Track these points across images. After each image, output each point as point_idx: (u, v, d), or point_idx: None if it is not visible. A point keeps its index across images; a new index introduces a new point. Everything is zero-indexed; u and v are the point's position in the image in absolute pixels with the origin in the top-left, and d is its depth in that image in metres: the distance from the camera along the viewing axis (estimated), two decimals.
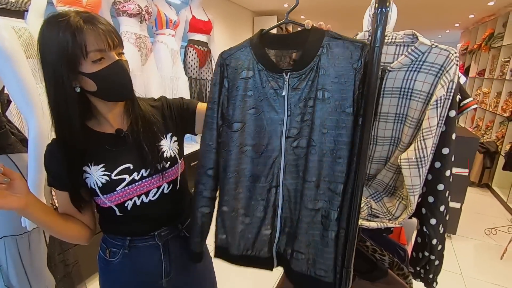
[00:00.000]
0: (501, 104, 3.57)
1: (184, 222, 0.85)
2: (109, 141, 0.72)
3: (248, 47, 0.72)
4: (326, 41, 0.65)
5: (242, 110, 0.73)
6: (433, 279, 0.87)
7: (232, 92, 0.74)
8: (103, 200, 0.71)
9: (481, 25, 4.80)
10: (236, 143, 0.74)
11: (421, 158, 0.72)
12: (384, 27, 0.50)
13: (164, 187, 0.77)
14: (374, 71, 0.52)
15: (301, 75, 0.68)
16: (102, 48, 0.63)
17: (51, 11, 0.67)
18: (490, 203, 3.19)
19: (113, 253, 0.78)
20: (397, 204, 0.84)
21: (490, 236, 2.51)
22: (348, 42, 0.64)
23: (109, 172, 0.70)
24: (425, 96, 0.76)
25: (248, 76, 0.72)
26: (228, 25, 4.15)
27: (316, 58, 0.66)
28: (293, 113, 0.70)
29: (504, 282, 1.97)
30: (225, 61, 0.74)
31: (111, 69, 0.65)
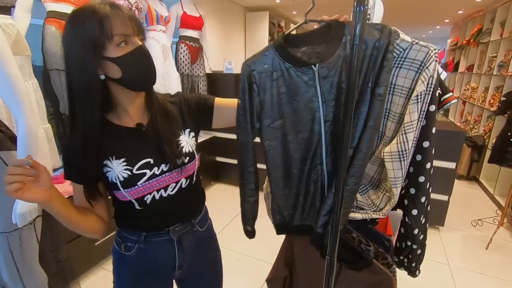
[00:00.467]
0: (489, 99, 3.65)
1: (196, 217, 0.86)
2: (129, 135, 0.73)
3: (272, 50, 0.79)
4: (348, 30, 0.73)
5: (279, 108, 0.80)
6: (415, 268, 0.91)
7: (264, 95, 0.80)
8: (124, 194, 0.71)
9: (470, 21, 4.87)
10: (281, 137, 0.82)
11: (403, 152, 0.75)
12: (363, 25, 0.52)
13: (182, 182, 0.78)
14: (354, 66, 0.54)
15: (329, 64, 0.74)
16: (127, 32, 0.64)
17: (38, 7, 0.68)
18: (477, 196, 3.27)
19: (128, 247, 0.79)
20: (381, 196, 0.87)
21: (476, 227, 2.58)
22: (368, 26, 0.71)
23: (130, 167, 0.70)
24: (407, 92, 0.78)
25: (277, 76, 0.79)
26: (220, 20, 4.13)
27: (341, 46, 0.73)
28: (327, 99, 0.77)
29: (489, 271, 2.04)
30: (250, 68, 0.80)
31: (135, 54, 0.65)
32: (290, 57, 0.77)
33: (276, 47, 0.78)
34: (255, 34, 4.92)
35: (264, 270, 1.06)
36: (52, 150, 1.66)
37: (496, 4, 3.77)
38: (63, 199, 0.67)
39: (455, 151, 2.29)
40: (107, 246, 1.96)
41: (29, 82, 1.52)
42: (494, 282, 1.95)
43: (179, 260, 0.83)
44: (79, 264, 1.80)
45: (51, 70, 1.68)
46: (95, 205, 0.75)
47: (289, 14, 5.60)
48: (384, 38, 0.70)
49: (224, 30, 4.26)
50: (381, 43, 0.70)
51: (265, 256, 0.94)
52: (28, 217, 1.04)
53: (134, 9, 2.12)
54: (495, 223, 2.44)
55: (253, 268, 1.84)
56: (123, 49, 0.64)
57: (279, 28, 5.50)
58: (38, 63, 1.73)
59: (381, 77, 0.70)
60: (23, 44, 1.42)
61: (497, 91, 3.54)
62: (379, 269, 0.86)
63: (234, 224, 2.49)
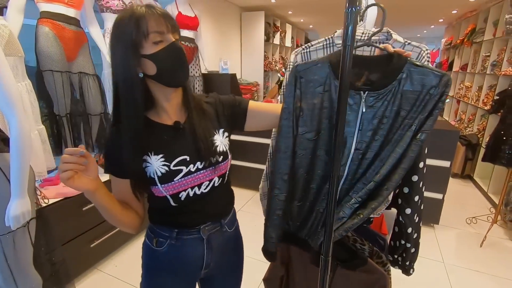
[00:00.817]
0: (482, 98, 3.69)
1: (226, 218, 0.88)
2: (167, 132, 0.76)
3: (327, 63, 0.77)
4: (407, 67, 0.72)
5: (318, 121, 0.79)
6: (410, 266, 0.92)
7: (305, 103, 0.79)
8: (160, 190, 0.74)
9: (463, 21, 4.91)
10: (311, 149, 0.81)
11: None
12: (354, 26, 0.52)
13: (215, 180, 0.80)
14: (346, 67, 0.54)
15: (379, 95, 0.74)
16: (161, 30, 0.67)
17: (31, 8, 0.69)
18: (471, 194, 3.31)
19: (160, 242, 0.81)
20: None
21: (471, 225, 2.61)
22: (428, 70, 0.71)
23: (168, 163, 0.73)
24: None
25: (324, 91, 0.78)
26: (215, 21, 4.12)
27: (396, 82, 0.72)
28: (365, 128, 0.76)
29: (483, 268, 2.06)
30: (299, 74, 0.79)
31: (169, 50, 0.68)
32: None
33: (332, 63, 0.77)
34: (251, 34, 4.91)
35: (261, 269, 1.06)
36: (46, 152, 1.65)
37: (489, 4, 3.81)
38: (107, 191, 0.70)
39: (450, 150, 2.31)
40: (102, 247, 1.96)
41: (22, 83, 1.50)
42: (489, 279, 1.97)
43: (207, 260, 0.85)
44: (75, 266, 1.79)
45: (44, 71, 1.66)
46: (135, 200, 0.78)
47: (284, 14, 5.61)
48: (441, 87, 0.69)
49: (220, 30, 4.26)
50: (436, 90, 0.70)
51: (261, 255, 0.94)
52: (21, 220, 1.04)
53: None
54: (489, 221, 2.47)
55: (250, 267, 1.84)
56: (158, 46, 0.67)
57: (274, 28, 5.50)
58: (31, 64, 1.72)
59: (427, 124, 0.71)
60: (16, 45, 1.40)
61: (490, 90, 3.58)
62: (374, 268, 0.87)
63: None
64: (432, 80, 0.70)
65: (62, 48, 1.71)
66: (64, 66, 1.73)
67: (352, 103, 0.75)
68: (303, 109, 0.79)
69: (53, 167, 1.70)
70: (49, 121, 1.72)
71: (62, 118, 1.77)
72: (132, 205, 0.79)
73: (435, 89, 0.70)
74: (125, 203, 0.77)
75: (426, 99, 0.71)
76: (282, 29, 5.98)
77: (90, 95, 1.91)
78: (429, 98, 0.70)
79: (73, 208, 1.71)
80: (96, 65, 1.97)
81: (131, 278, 1.89)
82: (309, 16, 5.89)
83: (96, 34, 2.00)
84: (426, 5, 4.44)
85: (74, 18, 1.77)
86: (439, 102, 0.70)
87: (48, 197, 1.61)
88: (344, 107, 0.58)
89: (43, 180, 1.77)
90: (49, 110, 1.72)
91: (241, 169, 3.15)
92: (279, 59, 5.98)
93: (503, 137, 2.20)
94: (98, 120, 1.98)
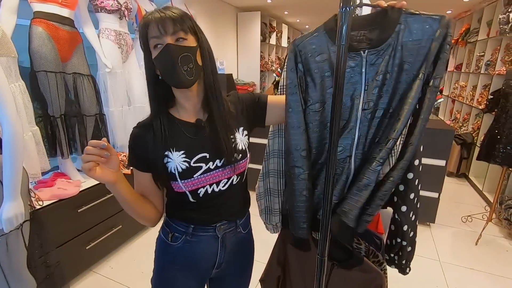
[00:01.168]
0: (477, 97, 3.72)
1: (241, 218, 0.88)
2: (189, 130, 0.77)
3: (322, 31, 0.77)
4: (404, 18, 0.70)
5: (321, 91, 0.78)
6: (406, 265, 0.92)
7: (309, 76, 0.79)
8: (180, 185, 0.75)
9: (458, 21, 4.95)
10: (318, 121, 0.80)
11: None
12: (348, 26, 0.52)
13: (234, 178, 0.81)
14: (341, 68, 0.54)
15: (379, 51, 0.72)
16: (157, 34, 0.68)
17: (24, 8, 0.68)
18: (467, 192, 3.33)
19: (176, 237, 0.82)
20: None
21: (466, 223, 2.63)
22: (425, 16, 0.69)
23: (188, 159, 0.75)
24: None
25: (323, 59, 0.77)
26: (211, 21, 4.11)
27: (394, 34, 0.71)
28: (369, 87, 0.75)
29: (478, 266, 2.08)
30: (298, 48, 0.79)
31: (162, 54, 0.69)
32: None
33: (327, 29, 0.76)
34: (247, 34, 4.91)
35: (258, 270, 1.06)
36: (40, 153, 1.63)
37: (483, 4, 3.85)
38: (127, 184, 0.73)
39: (445, 149, 2.33)
40: (98, 249, 1.94)
41: (16, 84, 1.48)
42: (484, 276, 1.99)
43: (220, 259, 0.85)
44: (70, 269, 1.77)
45: (38, 71, 1.64)
46: (155, 194, 0.81)
47: (280, 14, 5.62)
48: (443, 28, 0.67)
49: (216, 30, 4.25)
50: (437, 34, 0.67)
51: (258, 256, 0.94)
52: (14, 222, 1.02)
53: (124, 9, 2.10)
54: (484, 219, 2.49)
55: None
56: (157, 50, 0.69)
57: (271, 28, 5.50)
58: (26, 65, 1.70)
59: (437, 69, 0.68)
60: (9, 45, 1.39)
61: (484, 90, 3.62)
62: (370, 267, 0.87)
63: None
64: (432, 24, 0.68)
65: (56, 48, 1.69)
66: (58, 66, 1.71)
67: (354, 65, 0.75)
68: (307, 82, 0.79)
69: (47, 168, 1.68)
70: (43, 122, 1.70)
71: (56, 119, 1.75)
72: (153, 199, 0.81)
73: (436, 33, 0.68)
74: (146, 197, 0.80)
75: (429, 45, 0.68)
76: (278, 29, 5.99)
77: (84, 96, 1.89)
78: (432, 43, 0.68)
79: (67, 210, 1.70)
80: (90, 65, 1.95)
81: (127, 280, 1.88)
82: (305, 16, 5.90)
83: (90, 35, 1.98)
84: (421, 5, 4.47)
85: (68, 18, 1.76)
86: (444, 44, 0.68)
87: (42, 199, 1.59)
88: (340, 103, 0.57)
89: (37, 182, 1.75)
90: (43, 111, 1.70)
91: None
92: (275, 59, 5.99)
93: (497, 135, 2.22)
94: (93, 121, 1.97)
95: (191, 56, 0.70)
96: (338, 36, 0.53)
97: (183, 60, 0.69)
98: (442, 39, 0.68)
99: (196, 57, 0.72)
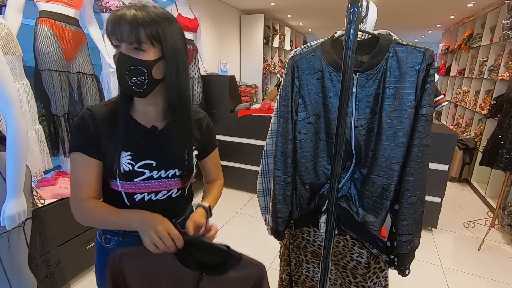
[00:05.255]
0: (480, 102, 3.71)
1: (178, 218, 0.86)
2: (141, 134, 0.75)
3: (319, 52, 0.85)
4: (393, 47, 0.78)
5: (316, 105, 0.87)
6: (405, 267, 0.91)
7: (305, 91, 0.87)
8: (118, 185, 0.74)
9: (461, 26, 4.95)
10: (313, 132, 0.89)
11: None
12: (356, 26, 0.52)
13: (174, 191, 0.80)
14: (348, 68, 0.54)
15: (369, 75, 0.80)
16: (116, 36, 0.65)
17: (30, 7, 0.68)
18: (469, 197, 3.31)
19: (108, 239, 0.81)
20: None
21: (468, 229, 2.61)
22: (412, 48, 0.77)
23: (133, 162, 0.73)
24: None
25: (319, 77, 0.85)
26: (215, 23, 4.13)
27: (383, 61, 0.78)
28: (361, 106, 0.83)
29: (480, 272, 2.06)
30: (296, 64, 0.87)
31: (115, 58, 0.67)
32: (334, 62, 0.83)
33: (324, 50, 0.84)
34: (250, 36, 4.92)
35: None
36: (43, 152, 1.63)
37: (486, 9, 3.85)
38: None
39: (447, 154, 2.32)
40: None
41: (20, 82, 1.49)
42: (486, 283, 1.97)
43: None
44: (70, 268, 1.76)
45: (42, 70, 1.65)
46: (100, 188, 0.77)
47: (284, 17, 5.63)
48: (426, 61, 0.74)
49: (219, 32, 4.26)
50: (422, 66, 0.74)
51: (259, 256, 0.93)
52: (17, 220, 1.02)
53: None
54: (486, 225, 2.47)
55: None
56: (116, 51, 0.67)
57: (274, 31, 5.52)
58: (30, 64, 1.71)
59: (424, 99, 0.75)
60: (14, 43, 1.40)
61: (487, 95, 3.61)
62: (249, 262, 0.74)
63: (229, 226, 2.48)
64: (416, 56, 0.75)
65: (61, 47, 1.70)
66: (62, 65, 1.72)
67: None
68: (303, 96, 0.87)
69: (50, 167, 1.68)
70: (46, 121, 1.70)
71: (59, 118, 1.76)
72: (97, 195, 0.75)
73: (420, 65, 0.75)
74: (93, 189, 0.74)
75: (414, 75, 0.76)
76: (281, 32, 6.00)
77: (88, 95, 1.90)
78: (418, 74, 0.76)
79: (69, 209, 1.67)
80: (95, 65, 1.96)
81: None
82: (308, 19, 5.92)
83: (95, 35, 1.99)
84: (424, 10, 4.48)
85: (73, 18, 1.77)
86: (428, 77, 0.75)
87: (44, 198, 1.59)
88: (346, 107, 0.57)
89: (39, 181, 1.75)
90: (47, 110, 1.70)
91: (238, 171, 3.13)
92: (278, 61, 6.00)
93: (500, 141, 2.21)
94: None
95: (143, 70, 0.66)
96: (346, 36, 0.53)
97: (131, 73, 0.66)
98: (425, 71, 0.75)
99: (151, 71, 0.67)
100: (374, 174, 0.83)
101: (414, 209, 0.81)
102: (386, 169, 0.81)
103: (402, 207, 0.81)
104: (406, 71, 0.75)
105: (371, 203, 0.86)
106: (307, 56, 0.85)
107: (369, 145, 0.84)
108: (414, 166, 0.78)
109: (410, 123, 0.77)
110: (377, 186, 0.84)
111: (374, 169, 0.82)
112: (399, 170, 0.80)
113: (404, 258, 0.86)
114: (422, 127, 0.76)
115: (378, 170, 0.82)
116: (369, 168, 0.85)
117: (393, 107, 0.78)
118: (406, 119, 0.77)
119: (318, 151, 0.90)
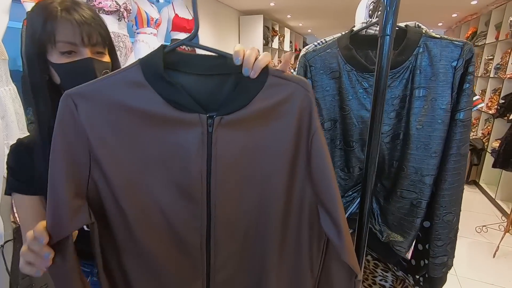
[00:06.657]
0: (486, 102, 3.62)
1: None
2: None
3: (335, 49, 0.74)
4: (424, 41, 0.67)
5: (332, 109, 0.77)
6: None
7: (319, 93, 0.77)
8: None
9: (463, 24, 4.88)
10: (328, 140, 0.79)
11: None
12: (396, 13, 0.42)
13: None
14: (385, 63, 0.44)
15: (395, 74, 0.69)
16: (73, 41, 0.58)
17: (16, 9, 0.60)
18: (478, 200, 3.21)
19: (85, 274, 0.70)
20: None
21: (481, 234, 2.50)
22: (446, 41, 0.65)
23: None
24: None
25: (335, 77, 0.74)
26: (214, 24, 4.04)
27: (412, 57, 0.67)
28: (385, 110, 0.69)
29: (498, 280, 1.95)
30: (309, 62, 0.76)
31: (77, 66, 0.60)
32: (354, 59, 0.72)
33: (341, 46, 0.74)
34: (249, 37, 4.84)
35: None
36: None
37: (491, 7, 3.77)
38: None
39: None
40: None
41: (6, 88, 1.38)
42: None
43: None
44: None
45: None
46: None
47: (283, 18, 5.56)
48: (465, 57, 0.63)
49: (218, 33, 4.18)
50: (459, 63, 0.63)
51: None
52: None
53: (123, 11, 2.01)
54: (500, 230, 2.36)
55: None
56: (67, 57, 0.60)
57: (273, 32, 5.44)
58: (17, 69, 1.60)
59: (462, 101, 0.65)
60: None
61: (494, 94, 3.52)
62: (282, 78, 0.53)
63: None
64: (452, 51, 0.64)
65: None
66: None
67: (367, 86, 0.72)
68: (317, 98, 0.76)
69: None
70: None
71: None
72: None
73: (457, 61, 0.63)
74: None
75: (450, 73, 0.65)
76: (281, 33, 5.93)
77: None
78: (454, 72, 0.64)
79: None
80: None
81: None
82: (307, 20, 5.85)
83: None
84: (426, 8, 4.40)
85: None
86: (466, 75, 0.64)
87: None
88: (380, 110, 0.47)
89: None
90: None
91: None
92: (277, 63, 5.92)
93: None
94: None
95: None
96: (381, 26, 0.43)
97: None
98: (463, 69, 0.64)
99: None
100: (401, 188, 0.73)
101: (450, 228, 0.71)
102: (416, 182, 0.71)
103: (436, 226, 0.71)
104: (439, 68, 0.65)
105: (397, 220, 0.76)
106: (321, 54, 0.75)
107: (393, 154, 0.74)
108: (450, 179, 0.68)
109: (445, 129, 0.66)
110: (405, 201, 0.73)
111: (402, 182, 0.72)
112: (431, 184, 0.70)
113: (437, 282, 0.76)
114: (460, 133, 0.66)
115: (407, 184, 0.72)
116: (394, 181, 0.75)
117: (424, 110, 0.67)
118: (440, 124, 0.66)
119: (334, 161, 0.81)
